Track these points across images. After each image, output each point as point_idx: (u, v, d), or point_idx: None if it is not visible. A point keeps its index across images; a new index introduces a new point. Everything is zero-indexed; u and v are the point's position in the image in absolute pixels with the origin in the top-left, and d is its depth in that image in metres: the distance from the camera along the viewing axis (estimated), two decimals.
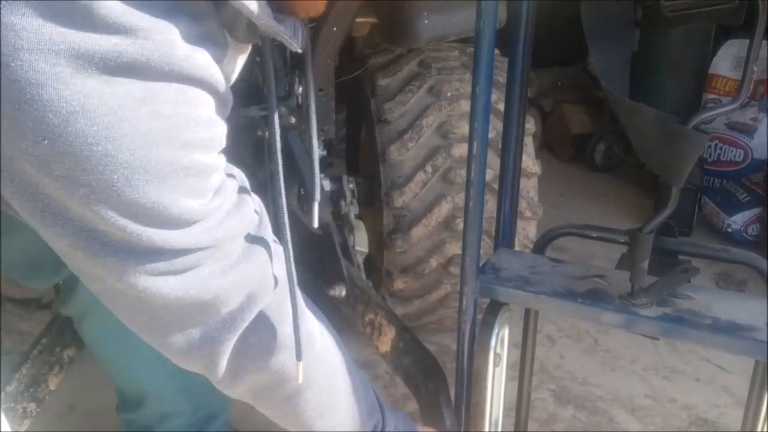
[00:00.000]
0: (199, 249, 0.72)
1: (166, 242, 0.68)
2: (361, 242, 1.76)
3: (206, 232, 0.72)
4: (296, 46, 0.79)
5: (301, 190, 1.60)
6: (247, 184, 0.84)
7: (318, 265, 1.56)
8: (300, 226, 1.58)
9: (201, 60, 0.66)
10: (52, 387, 1.44)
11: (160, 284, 0.71)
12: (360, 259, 1.74)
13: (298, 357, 0.86)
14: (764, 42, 1.51)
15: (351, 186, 1.88)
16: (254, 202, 0.84)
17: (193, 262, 0.72)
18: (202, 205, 0.71)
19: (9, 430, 0.92)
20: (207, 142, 0.70)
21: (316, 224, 1.03)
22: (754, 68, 0.86)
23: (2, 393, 1.30)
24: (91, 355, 1.49)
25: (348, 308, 1.48)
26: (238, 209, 0.78)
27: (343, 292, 1.48)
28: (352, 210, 1.84)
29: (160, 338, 0.79)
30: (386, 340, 1.35)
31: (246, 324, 0.82)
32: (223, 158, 0.75)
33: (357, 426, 1.01)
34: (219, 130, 0.72)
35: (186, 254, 0.71)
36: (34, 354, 1.42)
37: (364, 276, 1.65)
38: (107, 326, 1.35)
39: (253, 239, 0.82)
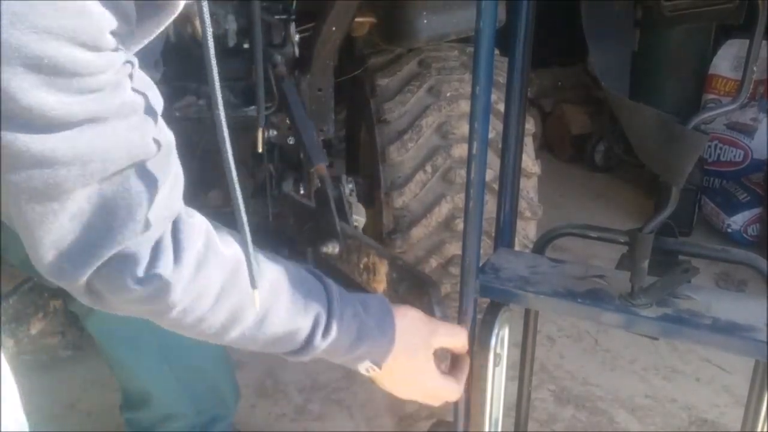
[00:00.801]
0: (60, 163, 0.62)
1: (14, 143, 0.60)
2: (358, 212, 1.74)
3: (68, 140, 0.62)
4: None
5: (301, 154, 1.56)
6: (160, 104, 0.72)
7: (313, 230, 1.52)
8: (294, 200, 1.56)
9: None
10: (33, 331, 1.42)
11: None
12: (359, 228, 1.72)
13: (253, 285, 0.78)
14: (764, 42, 1.51)
15: (350, 186, 1.88)
16: (164, 133, 0.72)
17: (54, 180, 0.63)
18: (67, 104, 0.61)
19: None
20: (71, 32, 0.60)
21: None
22: (754, 68, 0.86)
23: None
24: (97, 352, 1.49)
25: (344, 263, 1.44)
26: (130, 130, 0.67)
27: (337, 249, 1.44)
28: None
29: (34, 260, 0.70)
30: (381, 278, 1.33)
31: (101, 260, 0.70)
32: (116, 61, 0.65)
33: (285, 326, 0.88)
34: (96, 24, 0.61)
35: (45, 166, 0.62)
36: (24, 289, 1.40)
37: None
38: (113, 324, 1.34)
39: (141, 172, 0.70)
